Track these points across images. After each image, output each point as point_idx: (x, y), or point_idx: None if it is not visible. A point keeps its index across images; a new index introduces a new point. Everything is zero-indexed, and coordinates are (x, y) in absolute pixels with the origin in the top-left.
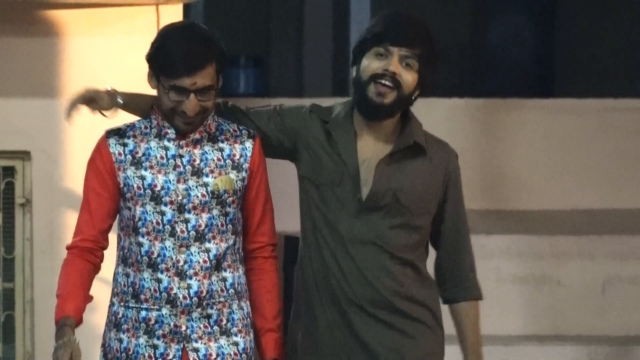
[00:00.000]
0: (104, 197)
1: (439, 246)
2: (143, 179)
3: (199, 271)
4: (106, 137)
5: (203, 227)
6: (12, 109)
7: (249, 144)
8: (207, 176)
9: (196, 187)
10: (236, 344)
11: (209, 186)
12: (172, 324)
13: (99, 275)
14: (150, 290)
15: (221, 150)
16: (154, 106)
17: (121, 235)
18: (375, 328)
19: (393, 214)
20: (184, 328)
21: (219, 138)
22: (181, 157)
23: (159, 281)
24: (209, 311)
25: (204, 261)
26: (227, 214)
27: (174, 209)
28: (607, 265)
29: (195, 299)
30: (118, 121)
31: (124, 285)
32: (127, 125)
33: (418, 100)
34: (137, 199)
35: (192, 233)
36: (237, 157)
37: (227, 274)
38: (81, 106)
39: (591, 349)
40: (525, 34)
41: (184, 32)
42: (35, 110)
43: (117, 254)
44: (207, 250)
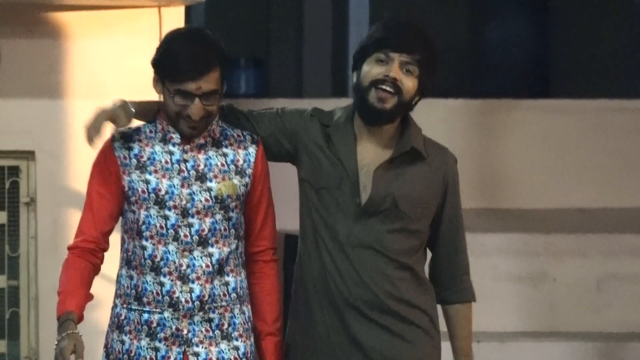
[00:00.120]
0: (107, 199)
1: (435, 248)
2: (147, 183)
3: (201, 275)
4: (111, 140)
5: (206, 231)
6: (17, 109)
7: (252, 149)
8: (210, 181)
9: (200, 192)
10: (237, 348)
11: (212, 191)
12: (173, 327)
13: (102, 272)
14: (153, 293)
15: (225, 155)
16: (159, 111)
17: (125, 237)
18: (372, 331)
19: (392, 218)
20: (185, 331)
21: (223, 143)
22: (185, 161)
23: (161, 284)
24: (211, 315)
25: (206, 265)
26: (230, 219)
27: (177, 214)
28: (602, 263)
29: (197, 302)
30: None
31: (127, 287)
32: (132, 129)
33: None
34: (141, 203)
35: (195, 237)
36: (241, 162)
37: (230, 278)
38: (102, 130)
39: (586, 345)
40: (522, 35)
41: (188, 37)
42: (39, 111)
43: (120, 256)
44: (209, 255)
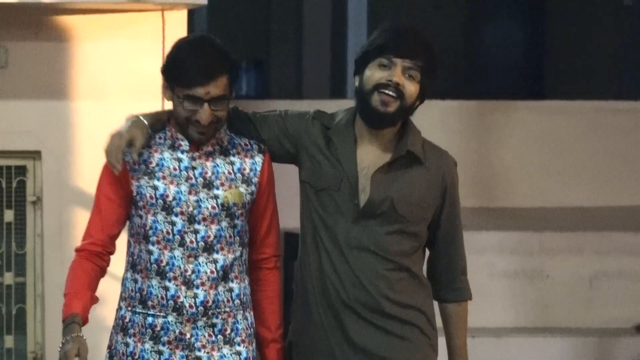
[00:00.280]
0: (115, 204)
1: (433, 249)
2: (155, 188)
3: (205, 281)
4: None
5: (212, 238)
6: (23, 110)
7: (259, 158)
8: (217, 189)
9: (207, 199)
10: (239, 353)
11: (219, 198)
12: (177, 331)
13: (108, 270)
14: (158, 297)
15: (232, 163)
16: (169, 119)
17: (131, 241)
18: (368, 332)
19: (390, 221)
20: (188, 336)
21: (231, 152)
22: (194, 169)
23: (166, 289)
24: (214, 320)
25: (211, 271)
26: (235, 226)
27: (184, 220)
28: (595, 260)
29: (201, 308)
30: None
31: (132, 290)
32: None
33: None
34: (148, 208)
35: (201, 244)
36: (247, 171)
37: (234, 285)
38: (123, 154)
39: (579, 340)
40: (517, 37)
41: (197, 44)
42: (45, 112)
43: (126, 259)
44: (214, 261)
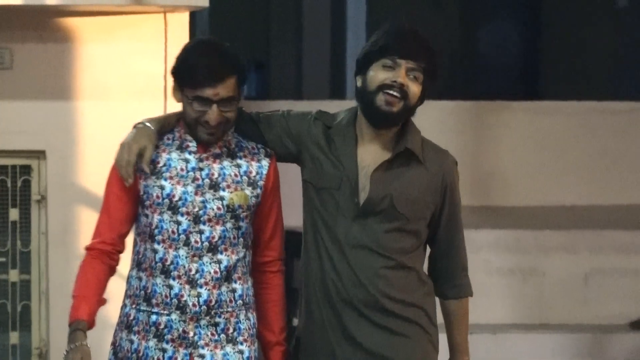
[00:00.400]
0: (124, 203)
1: (434, 247)
2: (162, 188)
3: (209, 281)
4: None
5: (216, 238)
6: (28, 110)
7: (265, 162)
8: (223, 190)
9: (212, 200)
10: (241, 352)
11: (224, 200)
12: (180, 330)
13: None
14: (162, 295)
15: (239, 166)
16: (179, 120)
17: (137, 240)
18: (368, 329)
19: (389, 219)
20: (191, 334)
21: (238, 154)
22: (201, 170)
23: (170, 287)
24: (217, 319)
25: (214, 272)
26: (239, 228)
27: (189, 220)
28: (590, 258)
29: (204, 307)
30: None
31: (136, 288)
32: None
33: None
34: (155, 207)
35: (206, 244)
36: (253, 174)
37: (237, 285)
38: (134, 166)
39: (574, 336)
40: (513, 39)
41: (206, 46)
42: (49, 112)
43: (132, 257)
44: (218, 262)
